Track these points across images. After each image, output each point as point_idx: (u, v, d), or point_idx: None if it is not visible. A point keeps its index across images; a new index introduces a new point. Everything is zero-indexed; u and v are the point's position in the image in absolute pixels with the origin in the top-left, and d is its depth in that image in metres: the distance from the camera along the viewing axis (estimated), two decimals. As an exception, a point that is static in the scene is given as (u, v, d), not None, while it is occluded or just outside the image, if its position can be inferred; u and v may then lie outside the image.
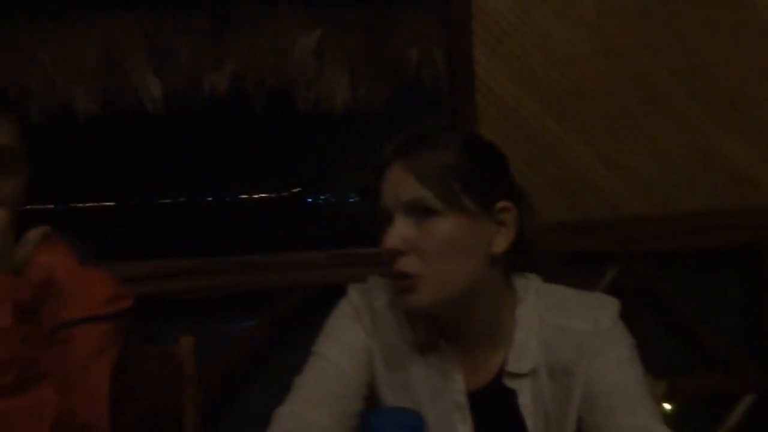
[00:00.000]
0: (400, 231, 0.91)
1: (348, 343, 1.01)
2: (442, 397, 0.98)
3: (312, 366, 1.01)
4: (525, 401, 0.95)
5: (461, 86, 1.96)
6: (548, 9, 1.99)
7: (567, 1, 1.99)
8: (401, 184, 0.92)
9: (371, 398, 1.02)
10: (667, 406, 1.89)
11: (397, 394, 1.00)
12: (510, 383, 0.96)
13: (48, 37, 1.90)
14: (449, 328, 0.99)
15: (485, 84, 1.96)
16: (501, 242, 0.95)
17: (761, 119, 2.10)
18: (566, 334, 0.95)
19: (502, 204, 0.95)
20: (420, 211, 0.91)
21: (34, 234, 1.03)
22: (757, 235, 2.11)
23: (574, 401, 0.93)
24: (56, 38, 1.90)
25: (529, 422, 0.95)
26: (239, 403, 1.91)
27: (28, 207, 1.06)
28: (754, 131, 2.10)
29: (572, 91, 2.01)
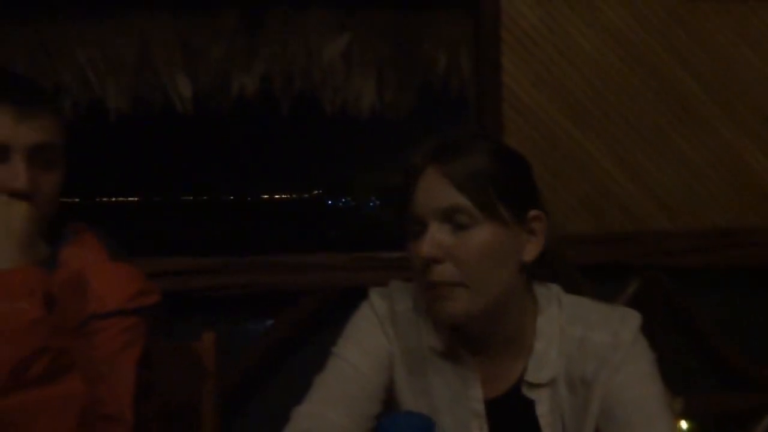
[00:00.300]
0: (436, 238, 0.90)
1: (368, 346, 1.02)
2: (460, 405, 0.98)
3: (332, 367, 1.02)
4: (543, 411, 0.95)
5: (488, 94, 1.96)
6: (577, 18, 1.98)
7: (595, 10, 1.98)
8: (437, 190, 0.91)
9: (390, 402, 1.02)
10: (684, 424, 1.87)
11: (416, 398, 1.00)
12: (528, 393, 0.96)
13: (83, 34, 1.94)
14: (472, 335, 0.98)
15: (512, 92, 1.96)
16: (531, 251, 0.95)
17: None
18: (586, 345, 0.94)
19: (534, 213, 0.95)
20: (456, 219, 0.90)
21: (65, 228, 1.05)
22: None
23: (591, 413, 0.92)
24: (91, 35, 1.94)
25: (546, 432, 0.95)
26: (257, 400, 1.93)
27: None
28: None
29: (599, 101, 2.00)
